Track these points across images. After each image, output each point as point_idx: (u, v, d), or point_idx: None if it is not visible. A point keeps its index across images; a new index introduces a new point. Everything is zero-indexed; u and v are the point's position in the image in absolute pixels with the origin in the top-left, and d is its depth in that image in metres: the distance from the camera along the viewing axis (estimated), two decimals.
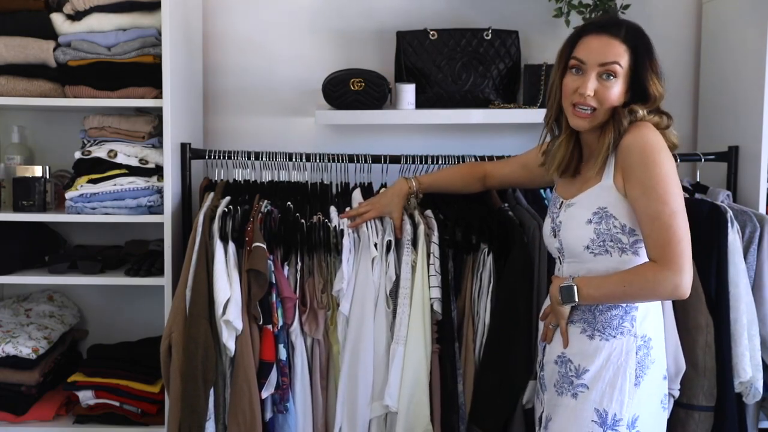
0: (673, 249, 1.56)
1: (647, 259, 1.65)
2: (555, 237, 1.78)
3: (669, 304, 2.03)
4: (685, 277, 1.56)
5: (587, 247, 1.68)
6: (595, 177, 1.69)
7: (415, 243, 2.09)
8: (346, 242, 2.08)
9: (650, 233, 1.59)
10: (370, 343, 2.05)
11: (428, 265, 2.06)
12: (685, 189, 2.38)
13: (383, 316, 2.06)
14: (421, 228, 2.09)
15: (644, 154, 1.60)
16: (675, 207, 1.57)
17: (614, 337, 1.67)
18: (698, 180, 2.54)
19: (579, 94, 1.66)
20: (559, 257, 1.80)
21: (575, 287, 1.67)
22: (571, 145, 1.76)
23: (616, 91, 1.65)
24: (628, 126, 1.64)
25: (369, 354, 2.04)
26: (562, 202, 1.77)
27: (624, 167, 1.63)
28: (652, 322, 1.72)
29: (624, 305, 1.68)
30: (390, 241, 2.07)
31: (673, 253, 1.56)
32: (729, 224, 2.12)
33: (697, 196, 2.38)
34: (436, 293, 2.05)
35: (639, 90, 1.67)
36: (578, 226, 1.69)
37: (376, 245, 2.07)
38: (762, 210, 2.37)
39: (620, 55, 1.65)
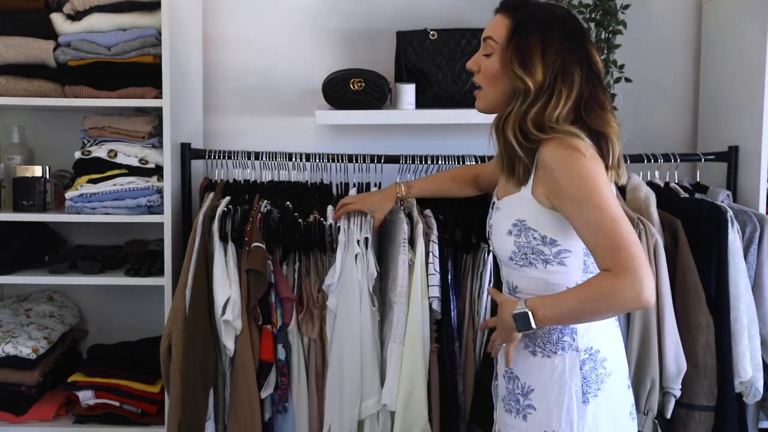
0: (623, 254, 1.40)
1: (577, 270, 1.56)
2: (489, 239, 1.70)
3: (669, 303, 2.03)
4: (645, 282, 1.39)
5: (511, 258, 1.59)
6: (514, 184, 1.57)
7: (412, 242, 2.09)
8: (342, 238, 2.08)
9: (595, 244, 1.44)
10: (354, 340, 2.03)
11: (427, 264, 2.06)
12: (685, 189, 2.39)
13: (368, 312, 2.05)
14: (420, 227, 2.08)
15: (567, 167, 1.46)
16: (614, 211, 1.43)
17: (555, 353, 1.56)
18: (698, 180, 2.54)
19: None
20: (497, 260, 1.72)
21: (529, 313, 1.50)
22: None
23: (492, 67, 1.56)
24: (544, 140, 1.50)
25: (352, 351, 2.03)
26: (494, 202, 1.68)
27: (547, 184, 1.50)
28: (598, 334, 1.58)
29: None
30: (367, 238, 2.06)
31: (625, 258, 1.40)
32: (729, 224, 2.12)
33: (697, 196, 2.38)
34: (435, 292, 2.04)
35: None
36: (501, 236, 1.60)
37: (358, 242, 2.06)
38: (762, 210, 2.37)
39: (495, 30, 1.56)
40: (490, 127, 1.65)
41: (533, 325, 1.51)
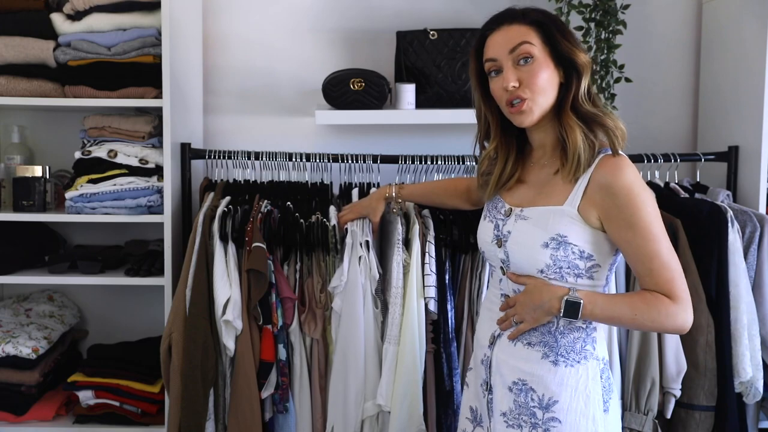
0: (679, 285, 1.49)
1: (602, 285, 1.56)
2: (500, 247, 1.60)
3: None
4: (690, 312, 1.50)
5: (542, 271, 1.53)
6: (556, 197, 1.53)
7: (407, 243, 2.09)
8: (349, 240, 2.08)
9: (649, 273, 1.49)
10: (358, 342, 2.03)
11: (423, 264, 2.06)
12: (685, 189, 2.39)
13: (371, 314, 2.06)
14: (416, 228, 2.09)
15: (631, 196, 1.46)
16: (669, 245, 1.50)
17: (578, 362, 1.53)
18: (698, 180, 2.54)
19: (505, 90, 1.53)
20: (502, 267, 1.62)
21: (582, 303, 1.49)
22: (505, 160, 1.64)
23: (540, 73, 1.51)
24: (602, 158, 1.50)
25: (357, 352, 2.03)
26: (510, 209, 1.60)
27: (605, 208, 1.48)
28: (605, 344, 1.61)
29: (585, 326, 1.54)
30: (368, 241, 2.07)
31: (680, 289, 1.49)
32: (729, 224, 2.12)
33: (697, 196, 2.38)
34: (432, 293, 2.04)
35: (568, 65, 1.52)
36: (533, 248, 1.53)
37: (361, 245, 2.07)
38: (762, 210, 2.37)
39: (526, 35, 1.52)
40: (489, 146, 1.66)
41: (579, 316, 1.50)
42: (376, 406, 2.03)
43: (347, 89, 2.41)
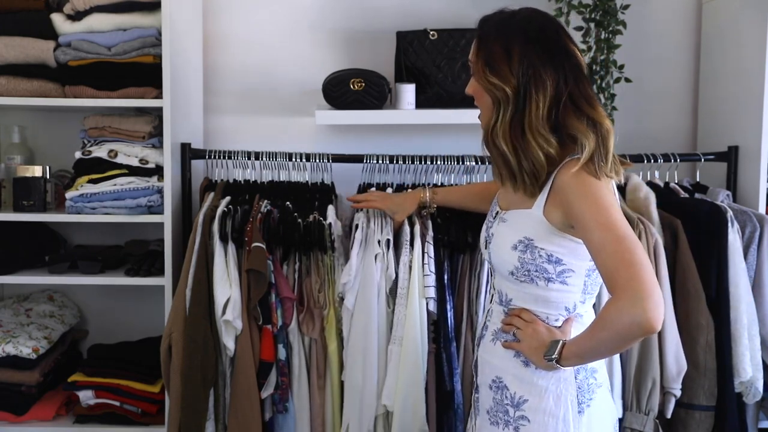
0: (622, 274, 1.31)
1: (578, 291, 1.53)
2: (486, 249, 1.64)
3: (669, 303, 2.04)
4: (647, 305, 1.28)
5: (512, 273, 1.54)
6: (522, 198, 1.54)
7: (412, 243, 2.09)
8: (359, 236, 2.07)
9: (601, 266, 1.38)
10: (373, 340, 2.04)
11: (423, 264, 2.06)
12: (685, 189, 2.39)
13: (384, 314, 2.06)
14: (417, 228, 2.09)
15: (578, 189, 1.43)
16: (620, 232, 1.36)
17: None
18: (698, 180, 2.54)
19: None
20: (491, 269, 1.68)
21: (555, 359, 1.46)
22: None
23: (475, 88, 1.58)
24: (567, 161, 1.47)
25: (371, 351, 2.04)
26: (497, 212, 1.63)
27: (564, 206, 1.46)
28: None
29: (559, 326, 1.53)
30: (389, 240, 2.07)
31: (623, 277, 1.31)
32: (729, 224, 2.12)
33: (697, 196, 2.38)
34: (431, 293, 2.04)
35: None
36: (504, 250, 1.54)
37: (379, 242, 2.07)
38: (762, 210, 2.37)
39: (471, 50, 1.58)
40: (481, 142, 1.64)
41: (554, 359, 1.47)
42: (382, 406, 2.03)
43: (347, 89, 2.41)
